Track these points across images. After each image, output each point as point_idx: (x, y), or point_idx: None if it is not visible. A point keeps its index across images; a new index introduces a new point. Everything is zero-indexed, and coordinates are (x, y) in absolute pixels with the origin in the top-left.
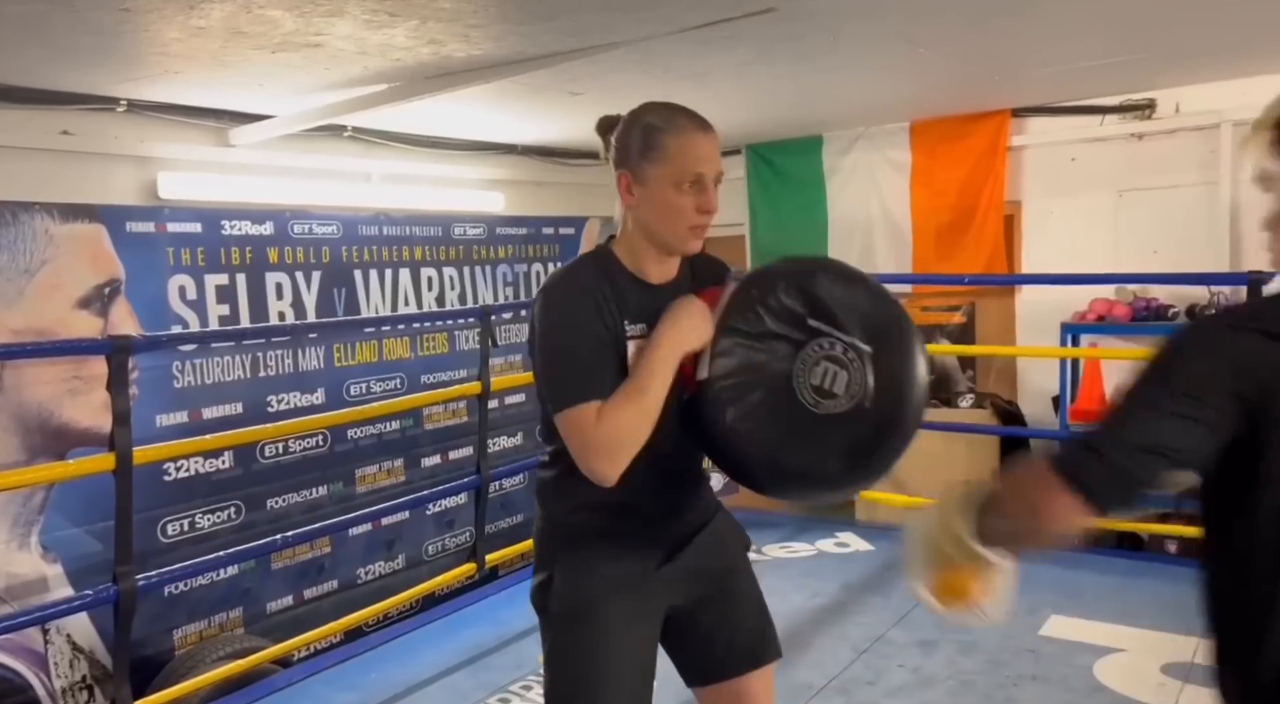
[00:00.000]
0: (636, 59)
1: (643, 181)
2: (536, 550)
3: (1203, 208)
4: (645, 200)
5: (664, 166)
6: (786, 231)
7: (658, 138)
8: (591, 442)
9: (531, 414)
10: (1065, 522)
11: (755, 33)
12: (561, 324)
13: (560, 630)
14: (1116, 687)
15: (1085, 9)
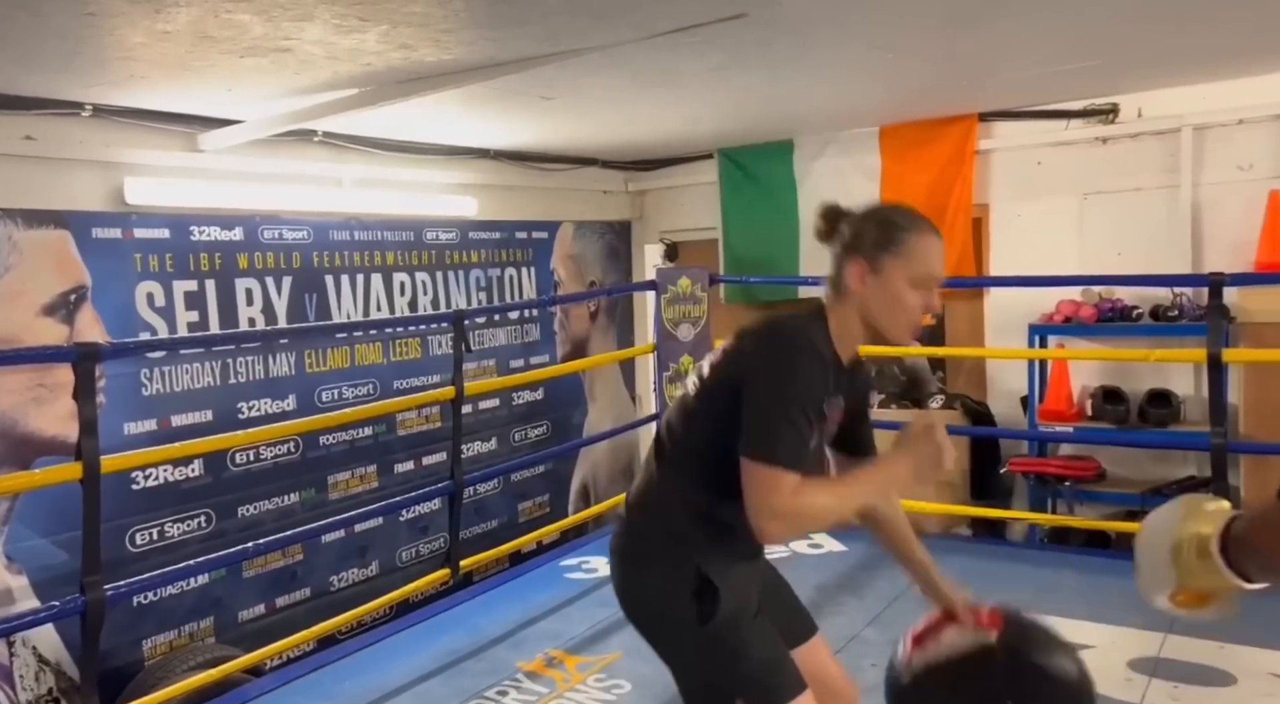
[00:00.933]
0: (608, 64)
1: (879, 273)
2: (658, 558)
3: (1164, 210)
4: (877, 291)
5: (904, 263)
6: (759, 235)
7: (901, 235)
8: (779, 508)
9: (506, 419)
10: None
11: (726, 38)
12: (798, 383)
13: (726, 633)
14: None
15: (1050, 17)
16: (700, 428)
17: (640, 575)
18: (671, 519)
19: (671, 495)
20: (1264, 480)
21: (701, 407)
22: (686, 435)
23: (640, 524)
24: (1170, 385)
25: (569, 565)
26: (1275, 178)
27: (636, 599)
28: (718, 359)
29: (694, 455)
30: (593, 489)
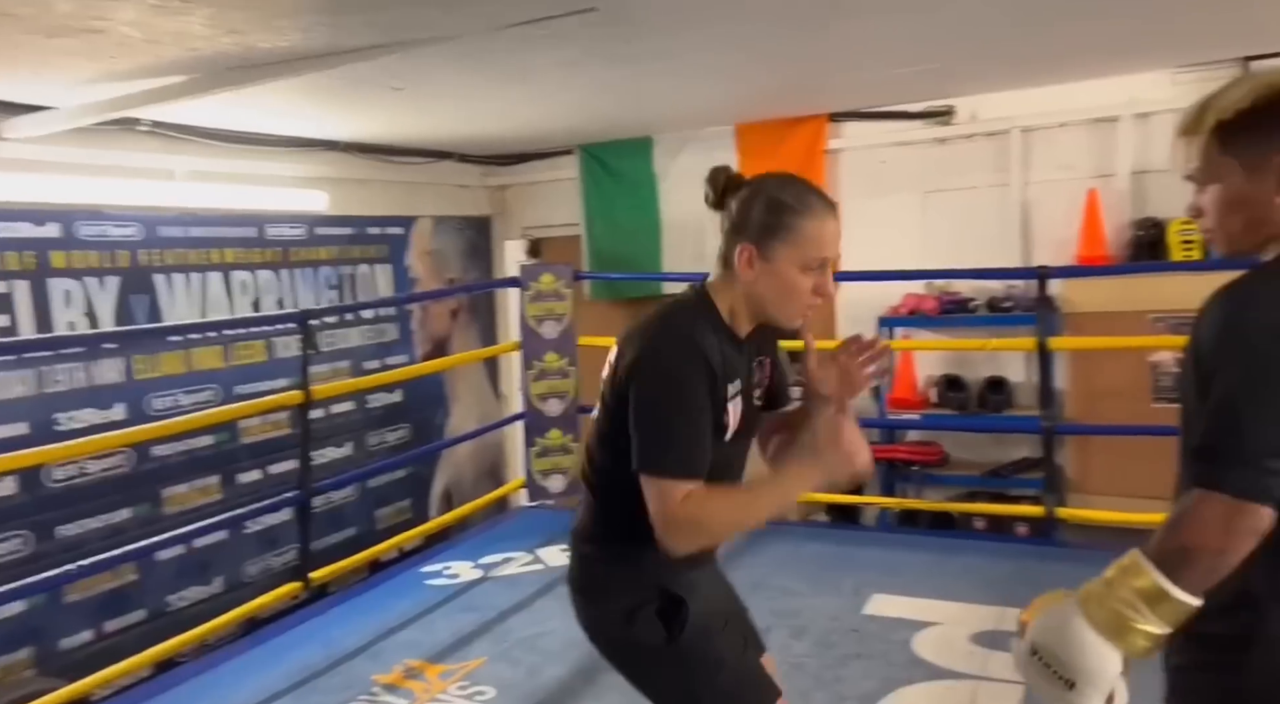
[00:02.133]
0: (458, 55)
1: (768, 259)
2: (615, 584)
3: (997, 207)
4: (766, 276)
5: (794, 249)
6: (621, 232)
7: (790, 220)
8: (675, 519)
9: (361, 422)
10: (1254, 542)
11: (579, 32)
12: (683, 384)
13: (699, 646)
14: (932, 658)
15: (892, 21)
16: (615, 447)
17: (601, 607)
18: (620, 543)
19: (614, 518)
20: (1087, 459)
21: (610, 426)
22: (604, 457)
23: (590, 554)
24: (1005, 373)
25: (431, 571)
26: (1093, 177)
27: (602, 631)
28: (607, 372)
29: (619, 475)
30: (456, 492)
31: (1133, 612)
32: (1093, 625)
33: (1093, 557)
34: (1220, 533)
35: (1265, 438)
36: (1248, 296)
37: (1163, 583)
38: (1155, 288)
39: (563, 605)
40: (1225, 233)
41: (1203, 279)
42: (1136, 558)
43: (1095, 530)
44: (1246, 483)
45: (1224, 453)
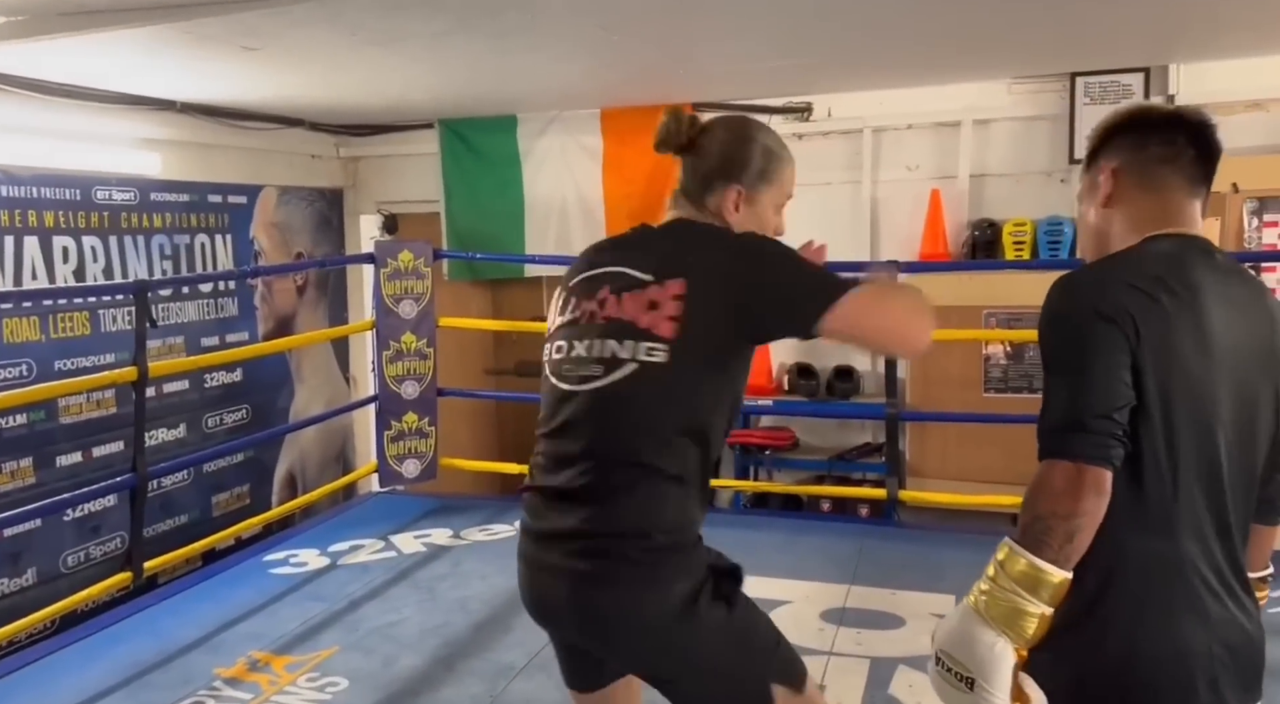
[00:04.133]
0: (323, 17)
1: (752, 202)
2: (679, 563)
3: (850, 203)
4: (749, 217)
5: (776, 191)
6: (483, 211)
7: (778, 166)
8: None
9: (197, 403)
10: (1100, 499)
11: (453, 3)
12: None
13: (750, 614)
14: (786, 636)
15: (754, 16)
16: (699, 413)
17: (649, 607)
18: (671, 529)
19: (667, 502)
20: (924, 444)
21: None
22: (673, 430)
23: (639, 546)
24: (852, 362)
25: (274, 560)
26: (936, 178)
27: (650, 636)
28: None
29: (676, 413)
30: (300, 478)
31: (1019, 598)
32: (987, 621)
33: (928, 536)
34: (1066, 496)
35: (1091, 403)
36: (1069, 284)
37: (1033, 561)
38: (989, 285)
39: (417, 593)
40: (1081, 249)
41: (1031, 278)
42: (1007, 545)
43: (931, 512)
44: (1082, 446)
45: (1059, 424)
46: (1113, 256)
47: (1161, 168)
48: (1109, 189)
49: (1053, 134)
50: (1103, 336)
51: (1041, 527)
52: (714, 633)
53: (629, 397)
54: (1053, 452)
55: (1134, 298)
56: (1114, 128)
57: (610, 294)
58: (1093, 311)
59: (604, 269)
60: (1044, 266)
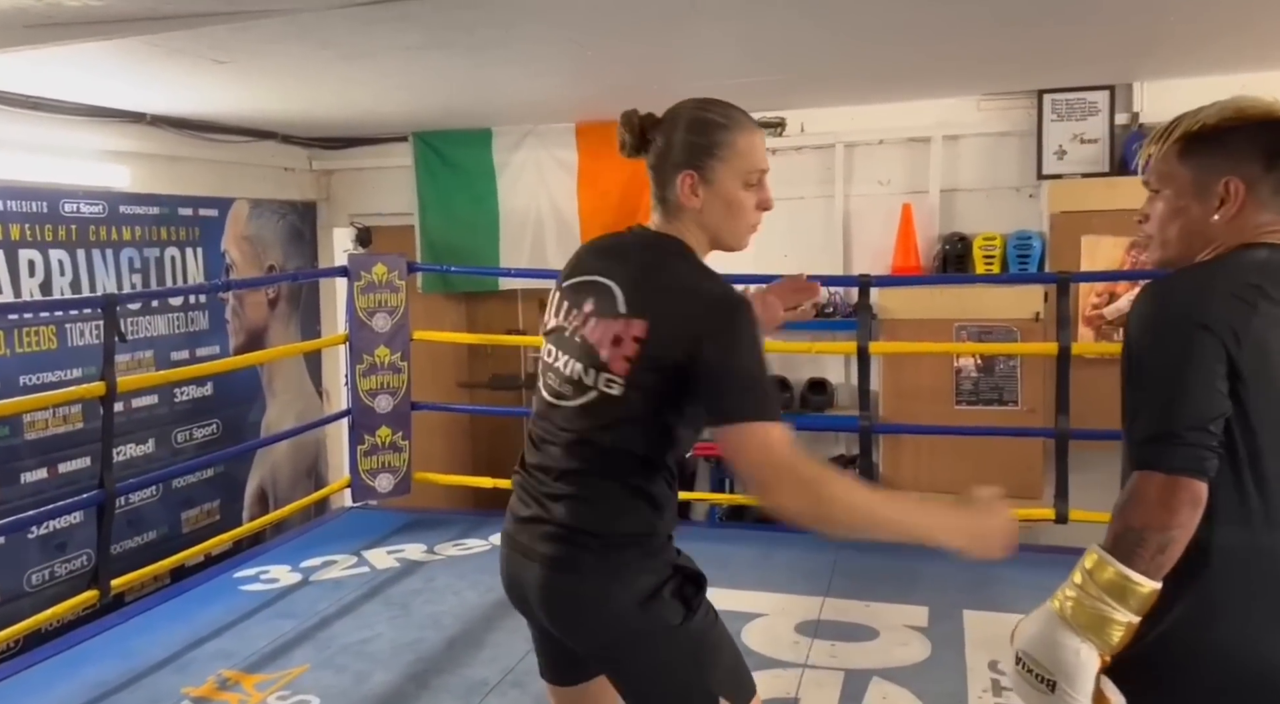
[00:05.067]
0: (295, 31)
1: (710, 182)
2: (641, 559)
3: (822, 217)
4: (712, 201)
5: (732, 165)
6: (458, 224)
7: (721, 136)
8: (795, 466)
9: (166, 417)
10: (1195, 512)
11: (426, 17)
12: (759, 341)
13: (707, 623)
14: (760, 649)
15: (727, 32)
16: (652, 421)
17: (612, 594)
18: (633, 527)
19: (628, 500)
20: (897, 456)
21: (652, 400)
22: (627, 436)
23: (600, 541)
24: (826, 374)
25: (245, 576)
26: (907, 193)
27: (614, 621)
28: (635, 351)
29: (646, 452)
30: (272, 493)
31: (1106, 606)
32: (1072, 626)
33: (901, 548)
34: (1161, 509)
35: (1187, 414)
36: (1165, 291)
37: (1122, 570)
38: (960, 298)
39: (390, 609)
40: (1162, 239)
41: (1001, 291)
42: (1096, 553)
43: None
44: (1178, 458)
45: (1154, 435)
46: (1208, 264)
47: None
48: (1237, 207)
49: (1021, 150)
50: (1201, 346)
51: (1134, 537)
52: (671, 632)
53: (592, 422)
54: (1147, 463)
55: (1234, 306)
56: (1233, 129)
57: (592, 312)
58: (1191, 320)
59: (592, 278)
60: (1013, 280)
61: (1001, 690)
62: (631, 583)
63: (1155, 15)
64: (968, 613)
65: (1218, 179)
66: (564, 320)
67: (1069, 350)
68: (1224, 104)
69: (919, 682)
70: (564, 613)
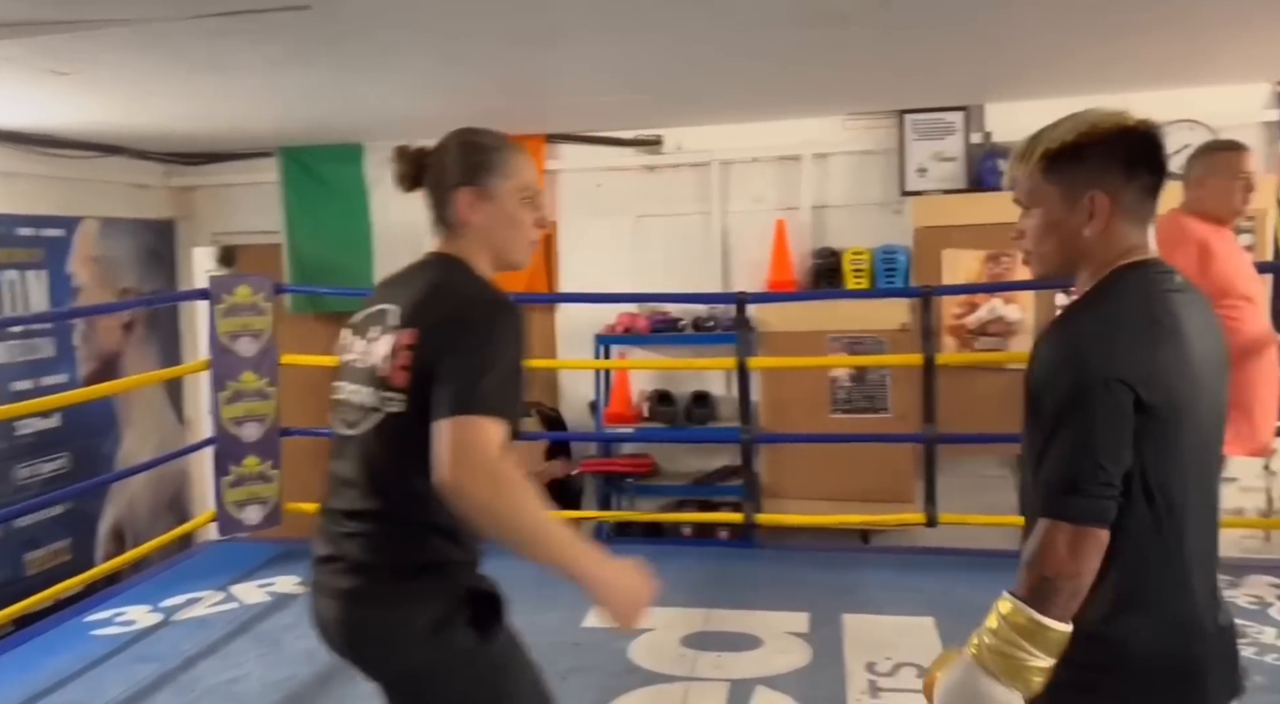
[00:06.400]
0: (143, 41)
1: (490, 197)
2: (427, 587)
3: (701, 234)
4: (493, 216)
5: (509, 180)
6: (328, 242)
7: (498, 155)
8: (488, 462)
9: (6, 452)
10: (1099, 556)
11: (288, 30)
12: (518, 346)
13: (502, 655)
14: (646, 664)
15: (593, 52)
16: (418, 436)
17: (402, 622)
18: (419, 550)
19: (413, 523)
20: (778, 465)
21: (418, 415)
22: (404, 452)
23: (383, 571)
24: (709, 388)
25: (98, 620)
26: (781, 209)
27: (402, 651)
28: (408, 360)
29: (423, 463)
30: (129, 530)
31: (1022, 652)
32: (990, 673)
33: (785, 556)
34: (1071, 558)
35: (1094, 469)
36: (1074, 341)
37: (1038, 618)
38: (832, 311)
39: (260, 646)
40: (1039, 255)
41: (870, 304)
42: (1010, 601)
43: (787, 532)
44: (1084, 511)
45: (1060, 485)
46: (1103, 308)
47: (1148, 201)
48: (1105, 219)
49: (885, 167)
50: (1110, 401)
51: (1049, 587)
52: (466, 660)
53: (377, 446)
54: (1056, 513)
55: (1139, 350)
56: (1090, 143)
57: (375, 337)
58: (1101, 375)
59: (376, 307)
60: (880, 295)
61: (878, 692)
62: (422, 611)
63: (999, 43)
64: (846, 616)
65: (1083, 193)
66: (350, 355)
67: (933, 360)
68: (1078, 119)
69: (800, 687)
70: (358, 644)
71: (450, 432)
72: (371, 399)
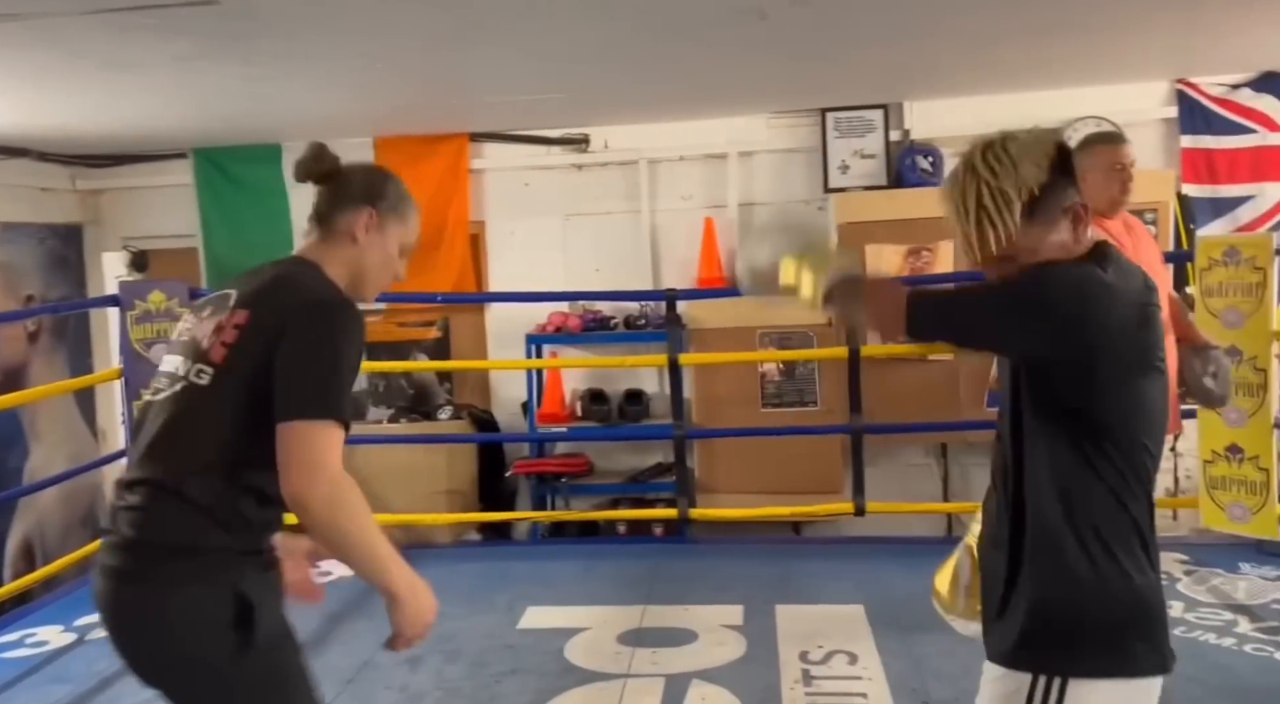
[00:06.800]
0: (40, 38)
1: (382, 231)
2: (185, 574)
3: (630, 232)
4: (373, 247)
5: (403, 230)
6: (247, 244)
7: (405, 204)
8: (333, 471)
9: None
10: (895, 328)
11: (195, 26)
12: (354, 345)
13: (269, 661)
14: (582, 663)
15: (520, 49)
16: (242, 417)
17: (155, 615)
18: (181, 528)
19: (185, 491)
20: (711, 460)
21: (243, 393)
22: (221, 432)
23: (147, 549)
24: (642, 385)
25: (8, 642)
26: (709, 207)
27: (152, 649)
28: (235, 338)
29: (212, 441)
30: (40, 546)
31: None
32: None
33: (718, 550)
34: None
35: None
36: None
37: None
38: (761, 306)
39: None
40: None
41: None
42: None
43: (721, 526)
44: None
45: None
46: (1100, 264)
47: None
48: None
49: (809, 165)
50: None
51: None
52: (226, 663)
53: (168, 415)
54: (912, 302)
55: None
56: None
57: (207, 316)
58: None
59: (220, 292)
60: None
61: (811, 680)
62: (173, 600)
63: (916, 42)
64: (779, 607)
65: (1060, 211)
66: (181, 331)
67: (859, 353)
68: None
69: (735, 679)
70: (117, 630)
71: (296, 438)
72: (182, 368)
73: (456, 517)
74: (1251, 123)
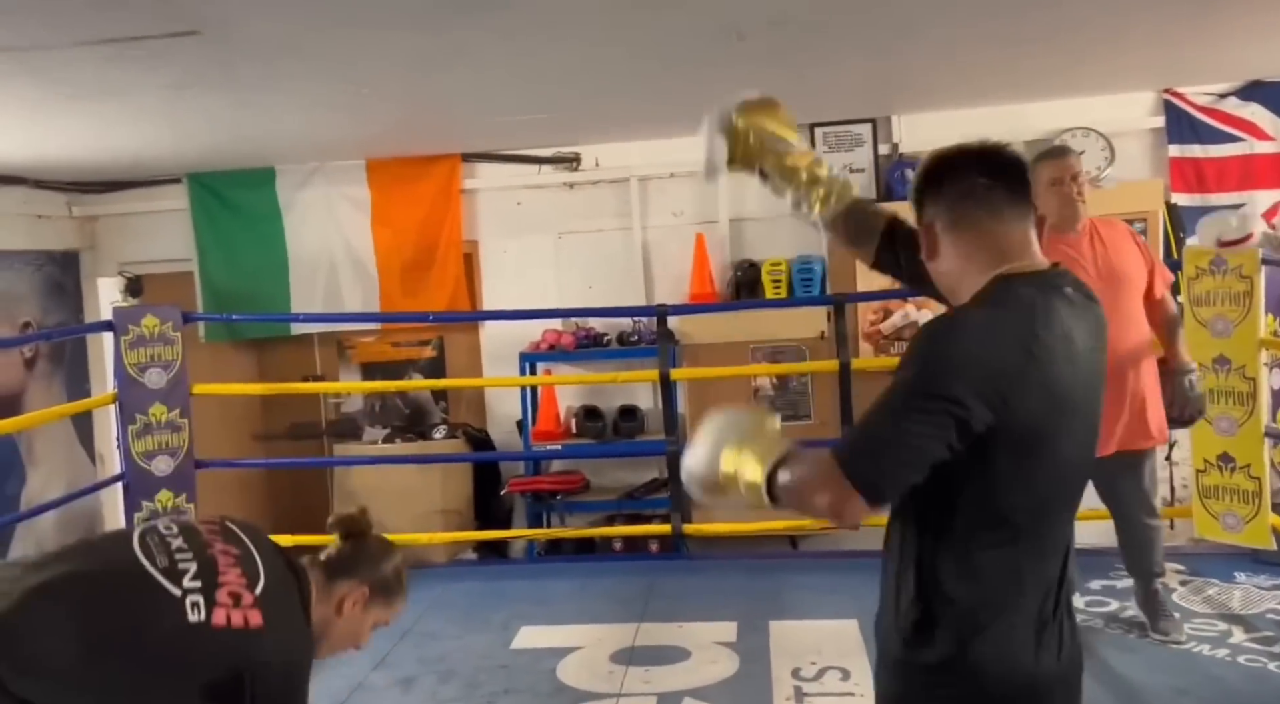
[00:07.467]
0: (27, 69)
1: (365, 610)
2: None
3: (622, 248)
4: (350, 621)
5: (385, 611)
6: (242, 268)
7: (398, 593)
8: None
9: None
10: (854, 517)
11: (181, 55)
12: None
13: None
14: (574, 683)
15: (504, 70)
16: None
17: None
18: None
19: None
20: None
21: None
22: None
23: None
24: (636, 401)
25: None
26: (699, 223)
27: None
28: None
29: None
30: None
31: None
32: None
33: (713, 566)
34: (828, 508)
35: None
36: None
37: (758, 483)
38: (753, 321)
39: None
40: None
41: (789, 313)
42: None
43: (716, 541)
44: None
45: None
46: (990, 308)
47: (976, 211)
48: (929, 244)
49: None
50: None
51: (794, 501)
52: None
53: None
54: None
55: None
56: (922, 183)
57: (233, 561)
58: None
59: (263, 546)
60: (796, 304)
61: (803, 697)
62: None
63: (896, 58)
64: (773, 623)
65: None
66: (211, 546)
67: (849, 366)
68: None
69: (727, 697)
70: None
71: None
72: (189, 582)
73: (452, 536)
74: (1239, 132)
